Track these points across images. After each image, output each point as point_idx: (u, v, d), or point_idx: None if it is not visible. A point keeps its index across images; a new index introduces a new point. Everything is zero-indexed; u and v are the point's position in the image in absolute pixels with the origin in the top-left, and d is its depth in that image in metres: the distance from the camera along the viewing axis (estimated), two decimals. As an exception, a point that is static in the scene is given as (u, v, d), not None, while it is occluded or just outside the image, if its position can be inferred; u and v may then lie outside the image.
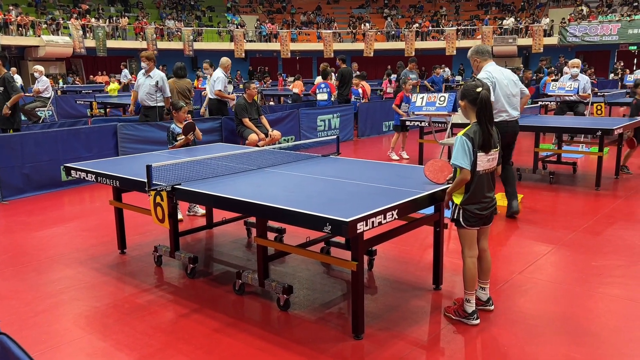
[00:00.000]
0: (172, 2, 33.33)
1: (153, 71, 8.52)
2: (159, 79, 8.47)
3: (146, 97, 8.57)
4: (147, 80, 8.49)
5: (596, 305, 3.72)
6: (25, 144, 7.13)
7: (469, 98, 3.35)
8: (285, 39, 29.97)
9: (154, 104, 8.60)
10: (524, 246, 4.96)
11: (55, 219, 6.23)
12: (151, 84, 8.46)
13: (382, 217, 3.05)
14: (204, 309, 3.76)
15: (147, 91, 8.52)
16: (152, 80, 8.46)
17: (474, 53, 5.38)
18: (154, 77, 8.48)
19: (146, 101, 8.60)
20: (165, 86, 8.58)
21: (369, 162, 4.81)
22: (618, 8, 29.58)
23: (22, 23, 23.73)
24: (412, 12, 35.41)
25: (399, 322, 3.51)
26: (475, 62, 5.42)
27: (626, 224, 5.54)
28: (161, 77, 8.50)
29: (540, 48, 28.18)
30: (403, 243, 4.92)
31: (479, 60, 5.37)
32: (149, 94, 8.54)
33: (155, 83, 8.44)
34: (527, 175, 7.81)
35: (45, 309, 3.82)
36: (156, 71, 8.55)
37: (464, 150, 3.26)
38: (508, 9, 33.21)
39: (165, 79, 8.60)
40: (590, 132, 7.19)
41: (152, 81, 8.46)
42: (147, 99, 8.58)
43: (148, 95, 8.55)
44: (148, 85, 8.49)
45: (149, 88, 8.50)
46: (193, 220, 5.98)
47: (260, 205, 3.28)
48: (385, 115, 12.87)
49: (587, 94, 9.67)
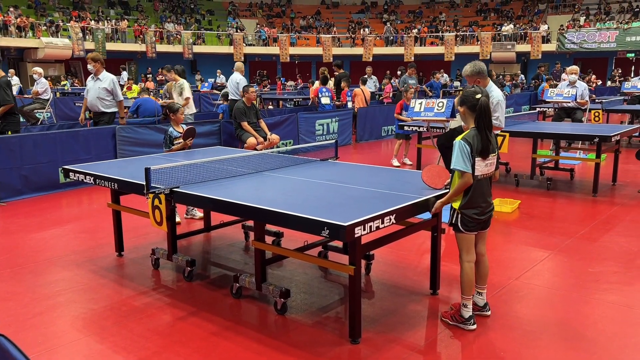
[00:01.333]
0: (171, 5, 33.38)
1: (102, 74, 7.86)
2: (110, 81, 7.83)
3: (97, 102, 7.87)
4: (97, 83, 7.82)
5: (592, 312, 3.73)
6: (23, 145, 7.13)
7: (469, 104, 3.38)
8: (284, 43, 30.04)
9: (106, 110, 7.93)
10: (521, 252, 4.98)
11: (53, 221, 6.22)
12: (101, 87, 7.79)
13: (379, 222, 3.07)
14: (201, 312, 3.76)
15: (97, 95, 7.84)
16: (102, 84, 7.80)
17: (475, 73, 5.28)
18: (104, 80, 7.82)
19: (97, 107, 7.89)
20: (117, 89, 7.95)
21: (367, 166, 4.82)
22: (616, 15, 29.73)
23: (21, 25, 23.73)
24: (411, 17, 35.53)
25: (396, 326, 3.52)
26: (476, 83, 5.32)
27: (623, 230, 5.56)
28: (111, 79, 7.89)
29: (539, 54, 28.28)
30: (400, 248, 4.93)
31: (481, 80, 5.30)
32: (100, 99, 7.86)
33: (105, 86, 7.80)
34: (524, 181, 7.83)
35: (42, 311, 3.81)
36: (106, 73, 7.90)
37: (464, 154, 3.28)
38: (507, 15, 33.33)
39: (116, 82, 8.00)
40: (587, 138, 7.22)
41: (102, 84, 7.80)
42: (98, 104, 7.89)
43: (99, 100, 7.86)
44: (97, 89, 7.81)
45: (99, 92, 7.82)
46: (191, 223, 5.98)
47: (258, 208, 3.28)
48: (384, 120, 12.89)
49: (585, 101, 9.71)
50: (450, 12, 35.58)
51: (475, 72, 5.30)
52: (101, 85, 7.81)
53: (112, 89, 7.86)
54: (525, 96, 18.56)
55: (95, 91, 7.84)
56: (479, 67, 5.31)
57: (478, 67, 5.30)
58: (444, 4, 36.82)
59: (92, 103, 7.92)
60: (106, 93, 7.85)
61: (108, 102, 7.92)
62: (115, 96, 7.94)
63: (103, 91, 7.82)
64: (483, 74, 5.31)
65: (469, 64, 5.38)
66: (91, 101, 7.90)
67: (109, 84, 7.82)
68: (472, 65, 5.33)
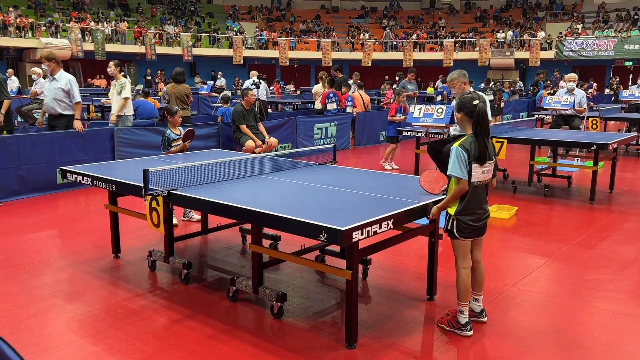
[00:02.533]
0: (170, 7, 33.42)
1: (59, 73, 7.34)
2: (67, 81, 7.32)
3: (54, 104, 7.36)
4: (53, 84, 7.31)
5: (589, 319, 3.74)
6: (21, 145, 7.11)
7: (466, 110, 3.39)
8: (284, 47, 30.09)
9: (63, 112, 7.46)
10: (518, 258, 4.98)
11: (49, 222, 6.20)
12: (57, 87, 7.30)
13: (377, 227, 3.07)
14: (197, 315, 3.75)
15: (53, 97, 7.33)
16: (59, 84, 7.30)
17: (462, 75, 5.78)
18: (60, 80, 7.31)
19: (54, 109, 7.40)
20: (74, 90, 7.39)
21: (365, 171, 4.83)
22: (614, 24, 29.88)
23: (21, 25, 23.73)
24: (411, 22, 35.64)
25: (392, 331, 3.51)
26: (462, 85, 5.81)
27: (620, 238, 5.57)
28: (68, 79, 7.34)
29: (537, 62, 28.40)
30: (398, 253, 4.93)
31: (466, 82, 5.80)
32: (57, 100, 7.35)
33: (62, 87, 7.30)
34: (522, 188, 7.84)
35: (37, 312, 3.80)
36: (63, 73, 7.40)
37: (460, 160, 3.28)
38: (506, 22, 33.47)
39: (73, 82, 7.44)
40: (585, 146, 7.24)
41: (58, 84, 7.30)
42: (55, 106, 7.37)
43: (55, 102, 7.35)
44: (53, 89, 7.31)
45: (55, 93, 7.31)
46: (188, 225, 5.97)
47: (256, 212, 3.28)
48: (383, 125, 12.88)
49: (583, 109, 9.74)
50: (450, 18, 35.72)
51: (462, 74, 5.81)
52: (57, 85, 7.31)
53: (68, 89, 7.34)
54: (524, 103, 18.63)
55: (52, 92, 7.35)
56: (462, 72, 5.83)
57: (462, 72, 5.83)
58: (443, 10, 36.98)
59: (49, 105, 7.44)
60: (63, 94, 7.34)
61: (65, 104, 7.44)
62: (72, 97, 7.41)
63: (59, 92, 7.32)
64: (466, 76, 5.83)
65: (455, 72, 5.87)
66: (48, 103, 7.44)
67: (66, 84, 7.32)
68: (457, 72, 5.84)
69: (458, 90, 5.88)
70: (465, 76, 5.81)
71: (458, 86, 5.83)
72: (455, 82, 5.81)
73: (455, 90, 5.93)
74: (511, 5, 35.86)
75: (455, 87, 5.86)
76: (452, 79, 5.83)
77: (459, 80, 5.79)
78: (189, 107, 9.26)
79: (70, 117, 7.54)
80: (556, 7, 34.04)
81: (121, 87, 8.36)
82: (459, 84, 5.81)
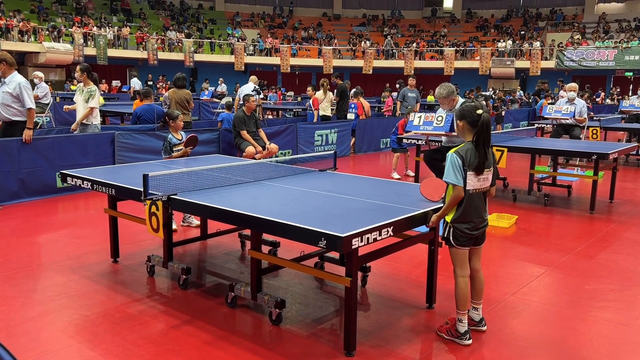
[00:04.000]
0: (172, 12, 33.55)
1: (10, 76, 6.73)
2: (16, 85, 6.65)
3: (3, 110, 6.77)
4: (2, 87, 6.73)
5: (588, 329, 3.72)
6: (21, 149, 7.10)
7: (469, 119, 3.38)
8: (285, 54, 30.18)
9: (13, 118, 6.84)
10: (517, 267, 4.97)
11: (48, 226, 6.19)
12: (4, 91, 6.69)
13: (377, 234, 3.06)
14: (195, 321, 3.73)
15: (1, 101, 6.73)
16: (7, 87, 6.68)
17: (451, 93, 5.98)
18: (9, 84, 6.68)
19: (3, 115, 6.80)
20: (25, 95, 6.70)
21: (365, 178, 4.82)
22: (615, 34, 29.99)
23: (24, 29, 23.81)
24: (412, 31, 35.77)
25: (391, 339, 3.50)
26: (452, 102, 6.04)
27: (620, 248, 5.56)
28: (18, 83, 6.66)
29: (538, 71, 28.47)
30: (397, 260, 4.91)
31: (454, 97, 6.05)
32: (5, 106, 6.73)
33: (10, 91, 6.65)
34: (522, 197, 7.84)
35: (34, 316, 3.78)
36: (15, 76, 6.75)
37: (455, 167, 3.28)
38: (506, 31, 33.59)
39: (25, 86, 6.72)
40: (585, 155, 7.24)
41: (7, 88, 6.68)
42: (5, 112, 6.78)
43: (4, 107, 6.75)
44: (2, 93, 6.71)
45: (3, 97, 6.70)
46: (187, 230, 5.96)
47: (255, 217, 3.28)
48: (383, 132, 12.92)
49: (583, 118, 9.75)
50: (451, 27, 35.86)
51: (450, 91, 5.99)
52: (6, 89, 6.69)
53: (17, 94, 6.69)
54: (524, 112, 18.66)
55: (0, 96, 6.76)
56: (452, 88, 6.04)
57: (452, 88, 6.04)
58: (444, 19, 37.12)
59: None
60: (11, 99, 6.70)
61: (15, 110, 6.80)
62: (23, 102, 6.75)
63: (7, 96, 6.70)
64: (454, 93, 6.06)
65: (442, 88, 6.03)
66: None
67: (14, 89, 6.67)
68: (446, 88, 6.00)
69: (448, 106, 6.08)
70: (454, 92, 6.00)
71: (448, 103, 6.03)
72: (446, 100, 6.01)
73: (445, 107, 6.12)
74: (512, 15, 36.01)
75: (445, 104, 6.06)
76: (443, 97, 6.00)
77: (448, 99, 5.99)
78: (189, 112, 9.27)
79: (23, 123, 6.92)
80: (557, 17, 34.18)
81: (89, 94, 7.71)
82: (449, 101, 6.01)
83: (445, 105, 6.13)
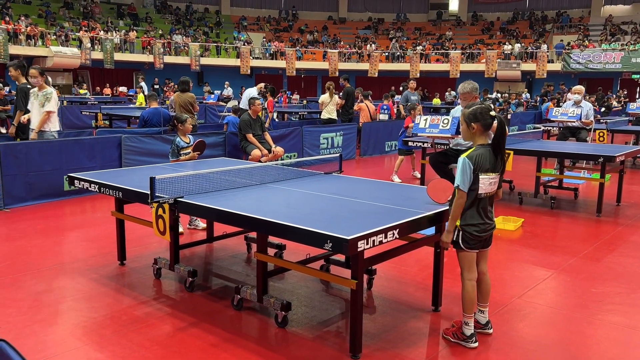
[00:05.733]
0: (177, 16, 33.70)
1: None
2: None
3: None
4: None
5: (595, 332, 3.70)
6: (29, 152, 7.16)
7: (483, 122, 3.35)
8: (291, 57, 30.24)
9: None
10: (523, 270, 4.95)
11: (56, 229, 6.23)
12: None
13: (383, 236, 3.06)
14: (201, 323, 3.75)
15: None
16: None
17: (474, 89, 5.91)
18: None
19: None
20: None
21: (371, 180, 4.83)
22: (621, 37, 29.85)
23: (31, 33, 23.99)
24: (418, 34, 35.76)
25: (397, 342, 3.49)
26: (472, 100, 5.92)
27: (627, 251, 5.53)
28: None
29: (544, 74, 28.37)
30: (403, 263, 4.91)
31: (476, 95, 5.96)
32: None
33: None
34: (528, 200, 7.81)
35: (42, 318, 3.81)
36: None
37: (465, 173, 3.27)
38: (512, 34, 33.52)
39: None
40: (592, 158, 7.21)
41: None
42: None
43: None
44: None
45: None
46: (193, 233, 5.98)
47: (261, 220, 3.29)
48: (389, 135, 12.93)
49: (590, 121, 9.71)
50: (457, 30, 35.82)
51: (474, 88, 5.91)
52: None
53: None
54: (530, 115, 18.60)
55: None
56: (475, 85, 5.96)
57: (475, 85, 5.95)
58: (450, 22, 37.09)
59: None
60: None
61: None
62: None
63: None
64: (477, 90, 5.98)
65: (467, 83, 5.96)
66: None
67: None
68: (470, 83, 5.94)
69: (466, 102, 5.96)
70: (477, 89, 5.92)
71: (469, 99, 5.93)
72: (468, 95, 5.93)
73: (464, 103, 6.04)
74: (518, 18, 35.93)
75: (467, 99, 5.95)
76: (466, 92, 5.93)
77: (470, 95, 5.91)
78: (194, 115, 9.35)
79: None
80: (563, 19, 34.08)
81: (45, 98, 7.07)
82: (471, 97, 5.92)
83: (465, 101, 6.12)
